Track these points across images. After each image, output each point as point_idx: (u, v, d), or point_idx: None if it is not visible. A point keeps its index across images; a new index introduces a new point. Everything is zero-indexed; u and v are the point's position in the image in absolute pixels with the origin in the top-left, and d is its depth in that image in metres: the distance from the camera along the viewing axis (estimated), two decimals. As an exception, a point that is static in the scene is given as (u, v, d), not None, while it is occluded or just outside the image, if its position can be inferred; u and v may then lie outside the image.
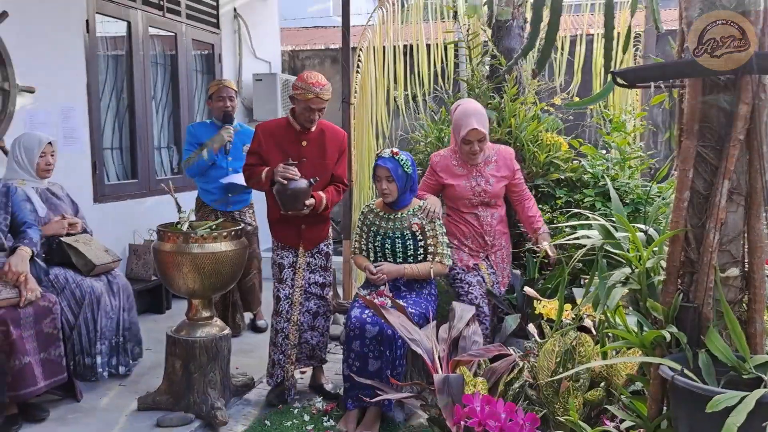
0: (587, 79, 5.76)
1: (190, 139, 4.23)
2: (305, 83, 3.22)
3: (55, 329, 3.18)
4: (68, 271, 3.49)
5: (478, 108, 3.31)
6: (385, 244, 3.26)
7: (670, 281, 1.69)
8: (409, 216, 3.25)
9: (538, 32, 1.99)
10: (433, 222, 3.25)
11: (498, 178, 3.38)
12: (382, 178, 3.20)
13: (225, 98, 4.23)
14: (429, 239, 3.23)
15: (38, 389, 3.06)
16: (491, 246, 3.43)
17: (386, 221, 3.28)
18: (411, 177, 3.23)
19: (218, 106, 4.23)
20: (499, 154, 3.42)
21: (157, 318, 4.93)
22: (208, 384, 3.23)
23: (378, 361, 3.02)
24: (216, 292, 3.34)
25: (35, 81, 4.13)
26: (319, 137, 3.40)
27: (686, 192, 1.65)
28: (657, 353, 1.68)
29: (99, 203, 4.75)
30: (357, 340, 3.04)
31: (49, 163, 3.58)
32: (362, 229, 3.37)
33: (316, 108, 3.26)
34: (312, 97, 3.21)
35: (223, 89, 4.24)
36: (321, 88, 3.23)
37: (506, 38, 4.15)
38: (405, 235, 3.23)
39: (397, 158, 3.18)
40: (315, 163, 3.35)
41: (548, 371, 2.36)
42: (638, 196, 3.70)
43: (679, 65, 1.53)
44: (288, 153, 3.32)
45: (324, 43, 8.49)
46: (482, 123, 3.23)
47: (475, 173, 3.38)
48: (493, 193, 3.38)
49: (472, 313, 2.69)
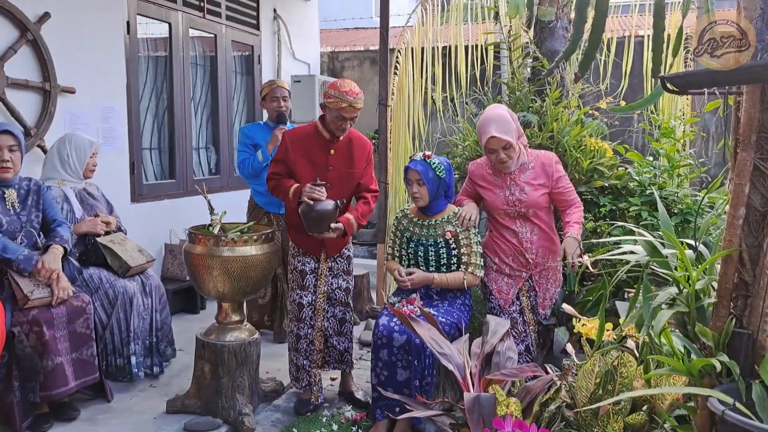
0: (635, 83, 5.56)
1: (244, 140, 4.19)
2: (338, 91, 3.13)
3: (88, 329, 3.19)
4: (102, 271, 3.50)
5: (501, 113, 3.05)
6: (418, 251, 3.17)
7: (722, 305, 1.56)
8: (443, 223, 3.15)
9: (582, 34, 1.87)
10: (468, 230, 3.13)
11: (534, 186, 3.09)
12: (413, 181, 3.11)
13: (279, 98, 4.19)
14: (463, 248, 3.12)
15: (69, 389, 3.07)
16: (534, 265, 3.15)
17: (420, 228, 3.19)
18: (445, 182, 3.13)
19: (272, 106, 4.19)
20: (537, 161, 3.13)
21: (191, 318, 4.94)
22: (236, 389, 3.19)
23: (406, 371, 2.94)
24: (246, 296, 3.31)
25: (75, 82, 4.18)
26: (347, 146, 3.32)
27: (741, 208, 1.51)
28: (705, 382, 1.55)
29: (136, 203, 4.79)
30: (384, 348, 2.97)
31: (96, 164, 3.66)
32: (395, 234, 3.29)
33: (348, 117, 3.17)
34: (345, 106, 3.12)
35: (276, 89, 4.20)
36: (355, 97, 3.14)
37: (549, 39, 4.01)
38: (438, 243, 3.13)
39: (428, 161, 3.09)
40: (342, 173, 3.29)
41: (587, 392, 2.23)
42: (687, 206, 3.51)
43: (736, 71, 1.40)
44: (315, 162, 3.25)
45: (363, 44, 8.44)
46: (503, 129, 2.97)
47: (510, 182, 3.13)
48: (530, 203, 3.08)
49: (507, 327, 2.57)
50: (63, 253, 3.13)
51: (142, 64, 4.95)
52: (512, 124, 3.00)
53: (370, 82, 8.04)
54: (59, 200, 3.49)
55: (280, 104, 4.18)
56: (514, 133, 3.00)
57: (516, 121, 3.07)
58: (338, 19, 10.79)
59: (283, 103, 4.19)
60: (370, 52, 8.15)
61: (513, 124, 3.01)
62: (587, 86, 4.31)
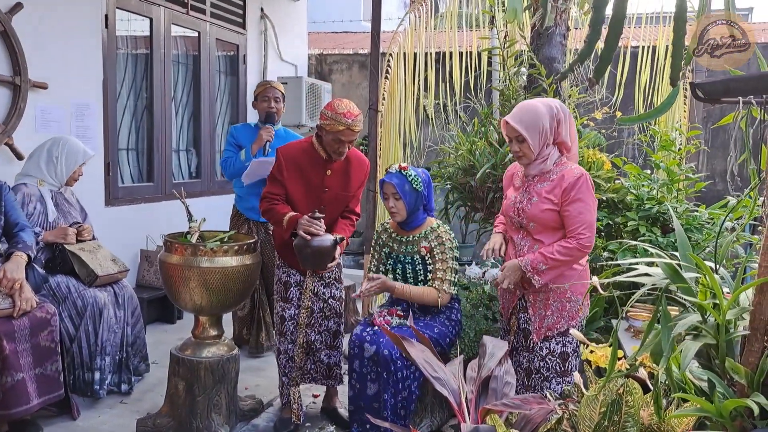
0: (627, 94, 5.46)
1: (231, 140, 4.04)
2: (335, 113, 2.90)
3: (53, 342, 2.97)
4: (71, 279, 3.30)
5: (533, 106, 2.63)
6: (397, 268, 3.03)
7: (756, 338, 1.41)
8: (420, 239, 2.99)
9: (599, 35, 1.72)
10: (443, 244, 2.96)
11: (543, 199, 2.61)
12: (389, 195, 2.94)
13: (270, 98, 4.02)
14: (438, 263, 2.96)
15: (31, 407, 2.85)
16: (523, 285, 2.71)
17: (398, 244, 3.04)
18: (422, 195, 2.96)
19: (262, 106, 4.03)
20: (560, 174, 2.62)
21: (167, 328, 4.72)
22: (212, 408, 2.99)
23: (375, 384, 2.80)
24: (225, 310, 3.11)
25: (48, 77, 3.97)
26: (345, 167, 3.11)
27: (780, 232, 1.36)
28: (737, 425, 1.39)
29: (111, 206, 4.57)
30: (356, 359, 2.84)
31: (81, 173, 3.53)
32: (375, 249, 3.15)
33: (346, 140, 2.95)
34: (342, 129, 2.90)
35: (269, 90, 4.04)
36: (353, 119, 2.90)
37: (546, 46, 3.87)
38: (415, 260, 2.99)
39: (405, 173, 2.92)
40: (337, 195, 3.11)
41: (591, 422, 2.06)
42: (687, 222, 3.39)
43: (783, 77, 1.26)
44: (310, 182, 3.06)
45: (353, 47, 8.28)
46: (520, 119, 2.59)
47: (527, 187, 2.70)
48: (531, 216, 2.64)
49: (505, 350, 2.40)
50: (27, 261, 2.91)
51: (120, 60, 4.73)
52: (538, 120, 2.57)
53: (359, 86, 7.88)
54: (33, 199, 3.30)
55: (270, 105, 4.01)
56: (537, 131, 2.58)
57: (555, 121, 2.61)
58: (327, 22, 10.64)
59: (274, 104, 4.03)
60: (359, 55, 7.99)
61: (540, 120, 2.57)
62: (582, 96, 4.18)
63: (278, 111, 4.04)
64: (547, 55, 3.89)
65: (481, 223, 4.02)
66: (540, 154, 2.63)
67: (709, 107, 5.32)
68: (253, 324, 4.21)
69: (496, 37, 4.32)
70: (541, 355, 2.71)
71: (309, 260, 2.93)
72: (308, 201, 3.05)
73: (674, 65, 1.83)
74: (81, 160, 3.45)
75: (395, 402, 2.78)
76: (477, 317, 3.79)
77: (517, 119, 2.61)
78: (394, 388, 2.77)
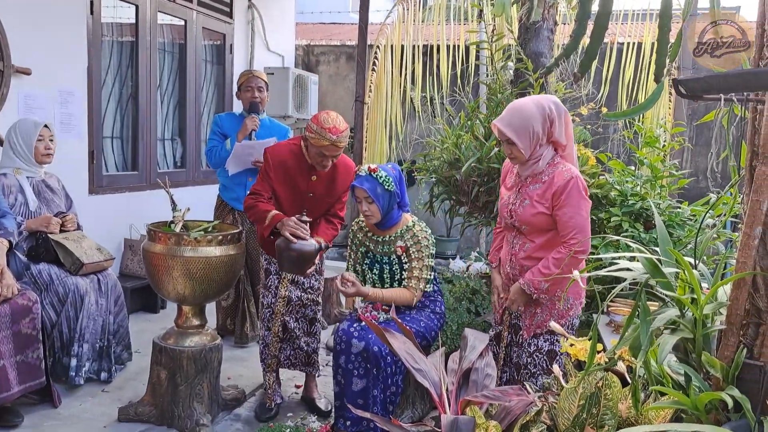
0: (611, 90, 5.50)
1: (215, 128, 4.01)
2: (320, 127, 2.86)
3: (34, 330, 2.95)
4: (53, 267, 3.27)
5: (522, 106, 2.54)
6: (374, 268, 3.01)
7: (732, 332, 1.42)
8: (396, 239, 2.96)
9: (585, 30, 1.73)
10: (419, 243, 2.93)
11: (534, 203, 2.55)
12: (362, 199, 2.87)
13: (254, 88, 3.99)
14: (414, 261, 2.93)
15: (12, 395, 2.84)
16: (513, 282, 2.69)
17: (374, 243, 3.01)
18: (395, 194, 2.88)
19: (246, 96, 4.00)
20: (551, 176, 2.55)
21: (150, 318, 4.70)
22: (194, 397, 2.99)
23: (363, 380, 2.79)
24: (208, 300, 3.10)
25: (32, 63, 3.92)
26: (331, 173, 3.11)
27: (758, 227, 1.38)
28: (711, 418, 1.41)
29: (95, 194, 4.53)
30: (343, 354, 2.82)
31: (49, 147, 3.39)
32: (351, 248, 3.12)
33: (329, 155, 2.94)
34: (327, 144, 2.88)
35: (252, 79, 4.01)
36: (338, 135, 2.87)
37: (534, 41, 3.88)
38: (392, 260, 2.97)
39: (375, 176, 2.84)
40: (320, 201, 3.12)
41: (570, 415, 2.09)
42: (670, 218, 3.42)
43: (765, 75, 1.27)
44: (296, 185, 3.06)
45: (340, 39, 8.24)
46: (509, 122, 2.51)
47: (519, 188, 2.64)
48: (522, 218, 2.59)
49: (486, 342, 2.41)
50: (8, 247, 2.88)
51: (106, 47, 4.68)
52: (528, 123, 2.50)
53: (346, 78, 7.86)
54: (13, 190, 3.26)
55: (254, 94, 3.98)
56: (527, 135, 2.50)
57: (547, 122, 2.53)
58: (315, 12, 10.58)
59: (258, 93, 3.99)
60: (346, 47, 7.96)
61: (529, 123, 2.50)
62: (569, 91, 4.20)
63: (262, 100, 4.01)
64: (535, 49, 3.91)
65: (466, 217, 4.03)
66: (532, 156, 2.56)
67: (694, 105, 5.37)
68: (238, 314, 4.20)
69: (484, 30, 4.33)
70: (529, 351, 2.70)
71: (289, 263, 2.88)
72: (293, 203, 3.05)
73: (658, 62, 1.85)
74: (35, 132, 3.33)
75: (384, 397, 2.79)
76: (460, 310, 3.81)
77: (506, 122, 2.53)
78: (383, 383, 2.78)
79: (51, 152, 3.40)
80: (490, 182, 3.63)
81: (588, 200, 2.57)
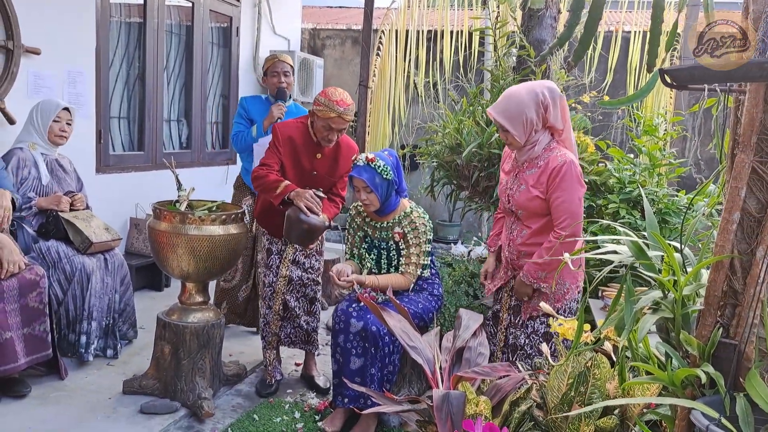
0: (618, 78, 5.52)
1: (241, 112, 3.94)
2: (328, 100, 2.96)
3: (41, 304, 3.03)
4: (62, 245, 3.34)
5: (516, 93, 2.56)
6: (372, 253, 3.07)
7: (709, 313, 1.49)
8: (394, 224, 3.00)
9: (579, 19, 1.78)
10: (417, 229, 2.97)
11: (529, 187, 2.60)
12: (360, 188, 2.91)
13: (279, 73, 3.88)
14: (412, 247, 2.98)
15: (18, 366, 2.92)
16: (513, 267, 2.77)
17: (372, 229, 3.06)
18: (393, 181, 2.92)
19: (272, 82, 3.89)
20: (546, 161, 2.58)
21: (154, 295, 4.79)
22: (196, 372, 3.08)
23: (361, 359, 2.86)
24: (212, 277, 3.18)
25: (41, 43, 3.97)
26: (335, 152, 3.19)
27: (737, 213, 1.43)
28: (687, 393, 1.48)
29: (102, 173, 4.60)
30: (341, 334, 2.89)
31: (64, 129, 3.47)
32: (350, 233, 3.16)
33: (336, 128, 3.01)
34: (334, 116, 2.96)
35: (278, 64, 3.90)
36: (345, 108, 2.96)
37: (537, 29, 3.92)
38: (390, 246, 3.02)
39: (373, 165, 2.87)
40: (323, 180, 3.18)
41: (558, 393, 2.16)
42: (666, 206, 3.47)
43: (744, 66, 1.32)
44: (300, 163, 3.13)
45: (346, 23, 8.25)
46: (502, 110, 2.55)
47: (517, 173, 2.69)
48: (519, 204, 2.64)
49: (480, 321, 2.48)
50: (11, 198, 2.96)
51: (113, 28, 4.73)
52: (521, 110, 2.53)
53: (351, 62, 7.89)
54: (27, 163, 3.35)
55: (280, 79, 3.88)
56: (521, 122, 2.54)
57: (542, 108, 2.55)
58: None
59: (284, 78, 3.89)
60: (352, 31, 7.98)
61: (523, 110, 2.53)
62: (572, 79, 4.23)
63: (288, 85, 3.92)
64: (537, 37, 3.94)
65: (467, 202, 4.09)
66: (528, 141, 2.59)
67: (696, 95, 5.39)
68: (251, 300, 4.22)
69: (488, 17, 4.36)
70: (526, 332, 2.76)
71: (298, 235, 2.93)
72: (298, 182, 3.11)
73: (651, 51, 1.90)
74: (54, 111, 3.42)
75: (381, 376, 2.86)
76: (458, 293, 3.89)
77: (500, 110, 2.57)
78: (381, 362, 2.84)
79: (65, 135, 3.49)
80: (491, 167, 3.68)
81: (583, 186, 2.60)
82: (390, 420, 3.03)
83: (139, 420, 2.92)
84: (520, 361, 2.76)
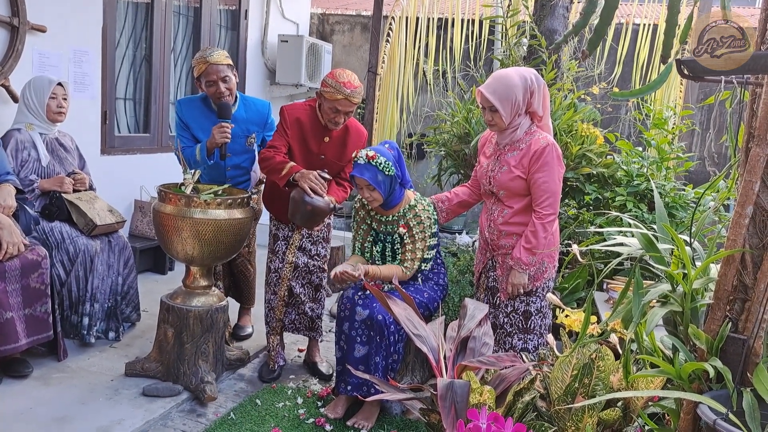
0: (627, 71, 5.48)
1: (178, 121, 3.28)
2: (336, 81, 2.92)
3: (43, 284, 3.01)
4: (65, 226, 3.32)
5: (507, 75, 2.66)
6: (377, 245, 3.05)
7: (718, 307, 1.47)
8: (399, 218, 2.97)
9: (595, 7, 1.75)
10: (422, 223, 2.93)
11: (511, 168, 2.71)
12: (363, 187, 2.87)
13: (216, 82, 3.09)
14: (418, 242, 2.95)
15: (19, 346, 2.91)
16: (493, 247, 2.87)
17: (377, 222, 3.03)
18: (395, 176, 2.88)
19: (210, 92, 3.15)
20: (529, 144, 2.70)
21: (158, 279, 4.79)
22: (199, 356, 3.07)
23: (365, 347, 2.85)
24: (216, 261, 3.17)
25: (47, 20, 3.95)
26: (343, 136, 3.15)
27: (750, 207, 1.42)
28: (694, 387, 1.47)
29: (107, 155, 4.59)
30: (346, 321, 2.89)
31: (61, 105, 3.42)
32: (354, 225, 3.13)
33: (343, 111, 2.97)
34: (341, 98, 2.92)
35: (211, 69, 3.09)
36: (352, 90, 2.92)
37: (549, 18, 3.88)
38: (395, 240, 3.00)
39: (374, 163, 2.80)
40: (331, 163, 3.15)
41: (562, 384, 2.15)
42: (674, 200, 3.45)
43: (764, 57, 1.30)
44: (308, 146, 3.10)
45: (356, 8, 8.20)
46: (494, 90, 2.64)
47: (498, 155, 2.80)
48: (500, 184, 2.75)
49: (485, 311, 2.48)
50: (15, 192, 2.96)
51: (121, 8, 4.70)
52: (511, 91, 2.63)
53: (360, 48, 7.84)
54: (26, 145, 3.32)
55: (219, 89, 3.10)
56: (510, 102, 2.64)
57: (528, 93, 2.67)
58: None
59: (222, 86, 3.11)
60: (362, 17, 7.93)
61: (513, 92, 2.63)
62: (582, 70, 4.20)
63: (231, 91, 3.18)
64: (549, 26, 3.91)
65: (473, 191, 4.06)
66: (511, 124, 2.71)
67: (706, 89, 5.35)
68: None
69: (500, 5, 4.32)
70: (506, 312, 2.85)
71: (302, 216, 2.92)
72: (305, 164, 3.09)
73: (666, 42, 1.87)
74: (48, 88, 3.36)
75: (386, 364, 2.86)
76: (462, 283, 3.87)
77: (491, 90, 2.66)
78: (386, 351, 2.84)
79: (63, 111, 3.43)
80: (498, 157, 3.66)
81: (562, 166, 2.75)
82: (393, 408, 3.03)
83: (141, 402, 2.92)
84: (500, 339, 2.88)
